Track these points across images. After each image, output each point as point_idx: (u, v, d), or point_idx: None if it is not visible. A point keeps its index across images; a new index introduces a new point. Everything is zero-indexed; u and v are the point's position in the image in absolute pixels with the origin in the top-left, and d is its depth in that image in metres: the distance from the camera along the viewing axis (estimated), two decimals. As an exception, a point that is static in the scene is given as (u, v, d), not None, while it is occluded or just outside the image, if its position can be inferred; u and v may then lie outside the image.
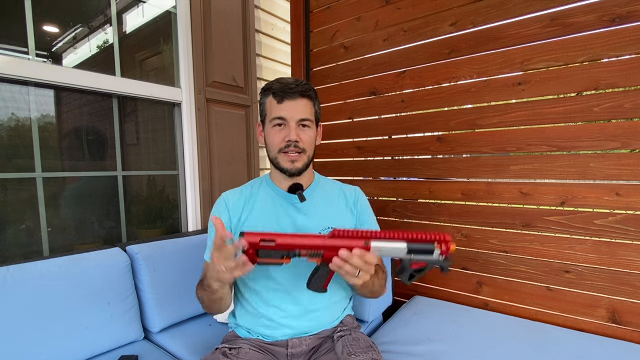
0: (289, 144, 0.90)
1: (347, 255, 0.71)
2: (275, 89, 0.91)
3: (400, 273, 0.76)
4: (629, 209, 1.17)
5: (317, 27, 1.89)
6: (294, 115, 0.90)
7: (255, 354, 0.91)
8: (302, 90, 0.91)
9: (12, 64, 1.19)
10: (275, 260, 0.73)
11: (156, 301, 1.25)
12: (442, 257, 0.72)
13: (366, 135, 1.75)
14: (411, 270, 0.75)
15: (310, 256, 0.74)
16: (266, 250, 0.72)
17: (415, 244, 0.72)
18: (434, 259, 0.73)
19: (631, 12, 1.12)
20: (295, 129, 0.90)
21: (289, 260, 0.74)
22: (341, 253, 0.71)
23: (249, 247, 0.71)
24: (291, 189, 0.95)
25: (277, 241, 0.72)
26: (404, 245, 0.72)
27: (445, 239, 0.72)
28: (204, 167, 1.75)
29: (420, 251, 0.72)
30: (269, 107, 0.93)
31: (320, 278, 0.79)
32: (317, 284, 0.80)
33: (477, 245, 1.47)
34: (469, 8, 1.41)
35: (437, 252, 0.72)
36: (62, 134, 1.39)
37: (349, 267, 0.72)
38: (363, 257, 0.71)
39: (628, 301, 1.20)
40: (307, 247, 0.74)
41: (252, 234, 0.72)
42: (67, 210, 1.39)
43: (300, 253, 0.74)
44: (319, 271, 0.79)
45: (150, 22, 1.64)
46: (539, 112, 1.29)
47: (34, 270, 1.04)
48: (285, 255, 0.73)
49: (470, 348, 1.13)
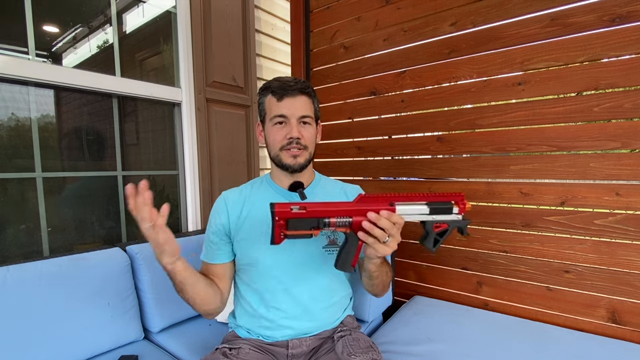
0: (290, 141, 0.90)
1: (375, 217, 0.71)
2: (275, 87, 0.91)
3: (424, 239, 0.77)
4: (629, 209, 1.17)
5: (317, 27, 1.89)
6: (295, 112, 0.90)
7: (255, 354, 0.90)
8: (302, 88, 0.91)
9: (12, 64, 1.19)
10: (305, 232, 0.72)
11: (156, 301, 1.25)
12: (461, 216, 0.75)
13: (366, 135, 1.75)
14: (435, 234, 0.76)
15: (338, 226, 0.73)
16: (296, 220, 0.71)
17: (435, 203, 0.75)
18: (454, 219, 0.75)
19: (631, 12, 1.12)
20: (297, 126, 0.90)
21: (318, 232, 0.73)
22: (370, 215, 0.71)
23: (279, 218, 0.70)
24: (292, 187, 0.95)
25: (308, 208, 0.71)
26: (424, 206, 0.75)
27: (461, 196, 0.75)
28: (204, 167, 1.75)
29: (440, 210, 0.75)
30: (269, 106, 0.93)
31: (349, 253, 0.77)
32: (345, 261, 0.78)
33: (477, 245, 1.47)
34: (469, 8, 1.41)
35: (456, 210, 0.75)
36: (62, 134, 1.39)
37: (378, 231, 0.71)
38: (391, 218, 0.72)
39: (628, 301, 1.20)
40: (336, 214, 0.72)
41: (283, 204, 0.71)
42: (67, 210, 1.39)
43: (330, 222, 0.72)
44: (347, 244, 0.77)
45: (150, 22, 1.64)
46: (539, 112, 1.29)
47: (34, 270, 1.04)
48: (314, 226, 0.72)
49: (470, 348, 1.13)
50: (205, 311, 0.92)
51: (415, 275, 1.66)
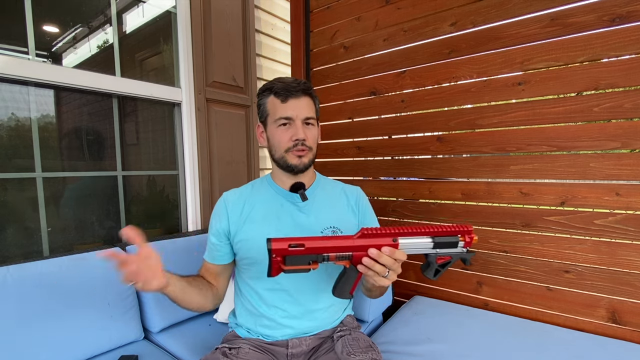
0: (296, 142, 0.90)
1: (377, 253, 0.69)
2: (278, 88, 0.91)
3: (426, 269, 0.75)
4: (629, 209, 1.17)
5: (317, 27, 1.89)
6: (300, 113, 0.90)
7: (255, 354, 0.91)
8: (305, 89, 0.91)
9: (12, 64, 1.19)
10: (303, 267, 0.69)
11: (156, 301, 1.25)
12: (466, 249, 0.73)
13: (366, 135, 1.75)
14: (437, 266, 0.74)
15: (338, 259, 0.71)
16: (294, 256, 0.68)
17: (440, 238, 0.72)
18: (458, 252, 0.73)
19: (631, 12, 1.12)
20: (302, 127, 0.90)
21: (317, 266, 0.70)
22: (371, 252, 0.69)
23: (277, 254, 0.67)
24: (293, 188, 0.95)
25: (307, 245, 0.68)
26: (429, 240, 0.72)
27: (468, 230, 0.72)
28: (204, 167, 1.75)
29: (445, 244, 0.73)
30: (272, 107, 0.92)
31: (348, 282, 0.76)
32: (343, 290, 0.76)
33: (477, 245, 1.47)
34: (469, 8, 1.41)
35: (461, 244, 0.73)
36: (62, 134, 1.39)
37: (379, 267, 0.70)
38: (393, 254, 0.70)
39: (628, 301, 1.20)
40: (336, 250, 0.70)
41: (280, 240, 0.68)
42: (67, 210, 1.39)
43: (329, 257, 0.70)
44: (346, 275, 0.75)
45: (150, 22, 1.64)
46: (539, 112, 1.29)
47: (34, 270, 1.04)
48: (313, 260, 0.69)
49: (470, 348, 1.13)
50: (200, 311, 0.97)
51: (415, 275, 1.66)
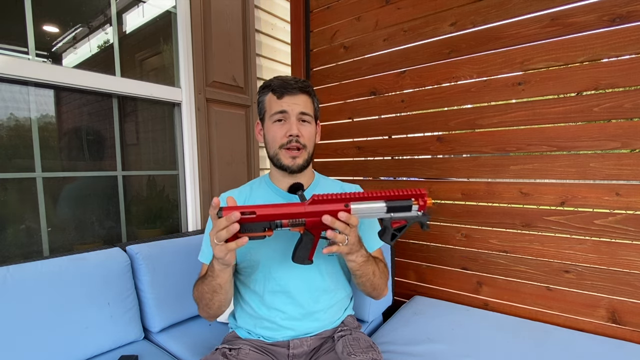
0: (290, 139, 0.90)
1: (330, 220, 0.70)
2: (275, 85, 0.91)
3: (382, 234, 0.76)
4: (629, 209, 1.17)
5: (317, 27, 1.89)
6: (294, 108, 0.90)
7: (256, 355, 0.90)
8: (302, 87, 0.92)
9: (12, 64, 1.19)
10: (258, 234, 0.70)
11: (156, 301, 1.25)
12: (421, 212, 0.73)
13: (366, 135, 1.75)
14: (392, 230, 0.74)
15: (292, 226, 0.72)
16: (247, 224, 0.69)
17: (393, 202, 0.72)
18: (412, 216, 0.73)
19: (631, 12, 1.12)
20: (296, 123, 0.90)
21: (272, 233, 0.71)
22: (325, 218, 0.70)
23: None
24: (291, 189, 0.95)
25: (258, 212, 0.69)
26: (382, 204, 0.72)
27: (422, 194, 0.72)
28: (204, 167, 1.75)
29: (399, 208, 0.73)
30: (269, 104, 0.93)
31: (305, 248, 0.77)
32: (301, 255, 0.78)
33: (477, 245, 1.47)
34: (469, 8, 1.41)
35: (415, 208, 0.73)
36: (62, 134, 1.39)
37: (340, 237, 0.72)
38: (349, 220, 0.71)
39: (628, 301, 1.20)
40: (288, 216, 0.71)
41: (231, 208, 0.69)
42: (67, 210, 1.39)
43: (282, 223, 0.71)
44: (303, 241, 0.76)
45: (150, 22, 1.64)
46: (539, 112, 1.29)
47: (34, 270, 1.04)
48: (267, 227, 0.70)
49: (470, 348, 1.13)
50: (214, 315, 0.92)
51: (415, 275, 1.66)
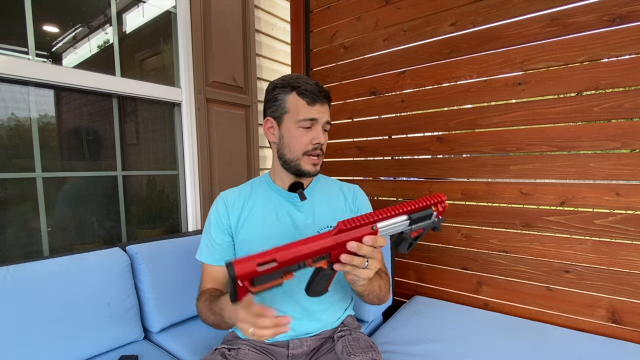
0: (316, 146, 0.90)
1: (357, 246, 0.63)
2: (305, 90, 0.87)
3: (399, 244, 0.73)
4: (629, 209, 1.17)
5: (317, 27, 1.89)
6: (323, 117, 0.90)
7: (255, 355, 0.90)
8: (327, 96, 0.92)
9: (12, 64, 1.19)
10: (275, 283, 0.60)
11: (156, 301, 1.25)
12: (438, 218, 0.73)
13: (366, 135, 1.75)
14: (411, 240, 0.72)
15: (315, 262, 0.63)
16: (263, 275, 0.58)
17: (415, 214, 0.70)
18: (430, 222, 0.72)
19: (631, 12, 1.12)
20: (322, 132, 0.91)
21: (292, 276, 0.61)
22: (350, 245, 0.63)
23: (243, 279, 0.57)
24: (292, 188, 0.95)
25: (279, 259, 0.59)
26: (405, 217, 0.69)
27: (441, 200, 0.71)
28: (204, 167, 1.75)
29: (421, 219, 0.71)
30: (295, 106, 0.88)
31: (322, 281, 0.69)
32: (318, 289, 0.71)
33: (477, 245, 1.47)
34: (469, 8, 1.41)
35: (434, 214, 0.72)
36: (62, 134, 1.39)
37: (358, 260, 0.64)
38: (375, 243, 0.64)
39: (628, 301, 1.20)
40: (314, 254, 0.62)
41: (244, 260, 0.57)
42: (67, 210, 1.39)
43: (305, 263, 0.62)
44: (320, 274, 0.68)
45: (150, 22, 1.64)
46: (539, 112, 1.29)
47: (34, 270, 1.04)
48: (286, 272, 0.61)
49: (470, 348, 1.13)
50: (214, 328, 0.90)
51: (415, 275, 1.66)
